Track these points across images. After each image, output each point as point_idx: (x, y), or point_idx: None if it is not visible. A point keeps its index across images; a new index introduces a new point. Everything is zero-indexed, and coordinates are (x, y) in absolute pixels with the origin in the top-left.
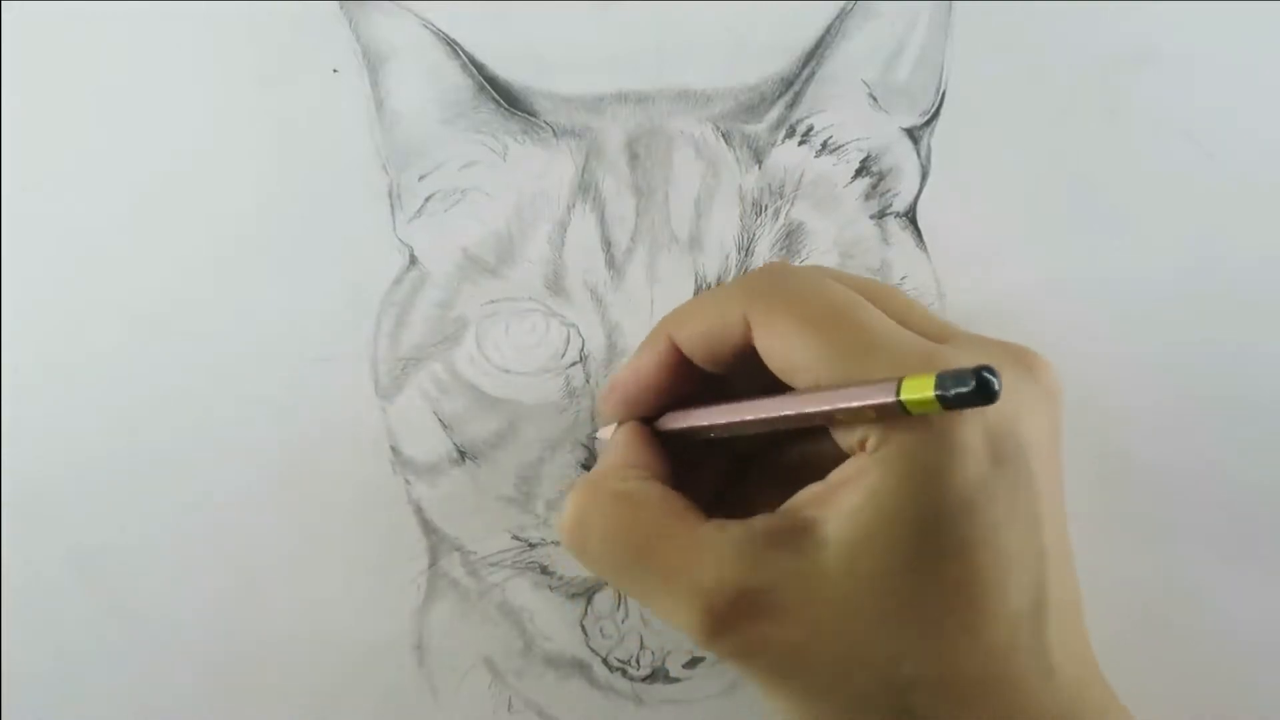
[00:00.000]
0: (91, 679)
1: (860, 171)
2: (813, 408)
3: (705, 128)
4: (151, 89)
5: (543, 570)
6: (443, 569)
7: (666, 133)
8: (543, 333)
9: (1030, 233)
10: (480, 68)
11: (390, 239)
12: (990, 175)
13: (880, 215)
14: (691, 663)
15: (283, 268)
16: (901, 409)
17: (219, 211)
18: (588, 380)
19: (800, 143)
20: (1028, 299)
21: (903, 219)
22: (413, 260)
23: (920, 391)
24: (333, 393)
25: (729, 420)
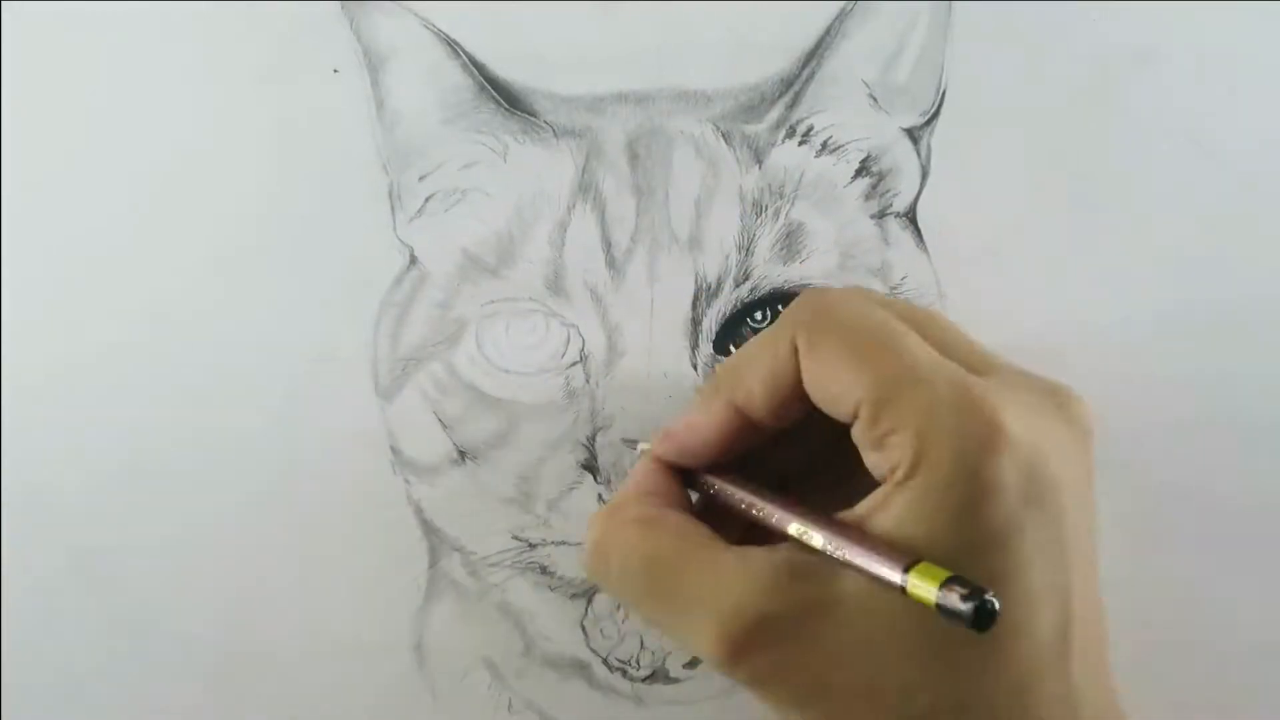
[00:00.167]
0: (91, 678)
1: (860, 171)
2: (832, 546)
3: (705, 128)
4: (151, 89)
5: (543, 570)
6: (443, 569)
7: (667, 133)
8: (543, 333)
9: (1030, 233)
10: (481, 68)
11: (390, 239)
12: (990, 175)
13: (880, 215)
14: (692, 663)
15: (283, 268)
16: (901, 590)
17: (219, 211)
18: (587, 380)
19: (800, 143)
20: (1028, 299)
21: (903, 219)
22: (413, 260)
23: (923, 590)
24: (333, 393)
25: (753, 509)
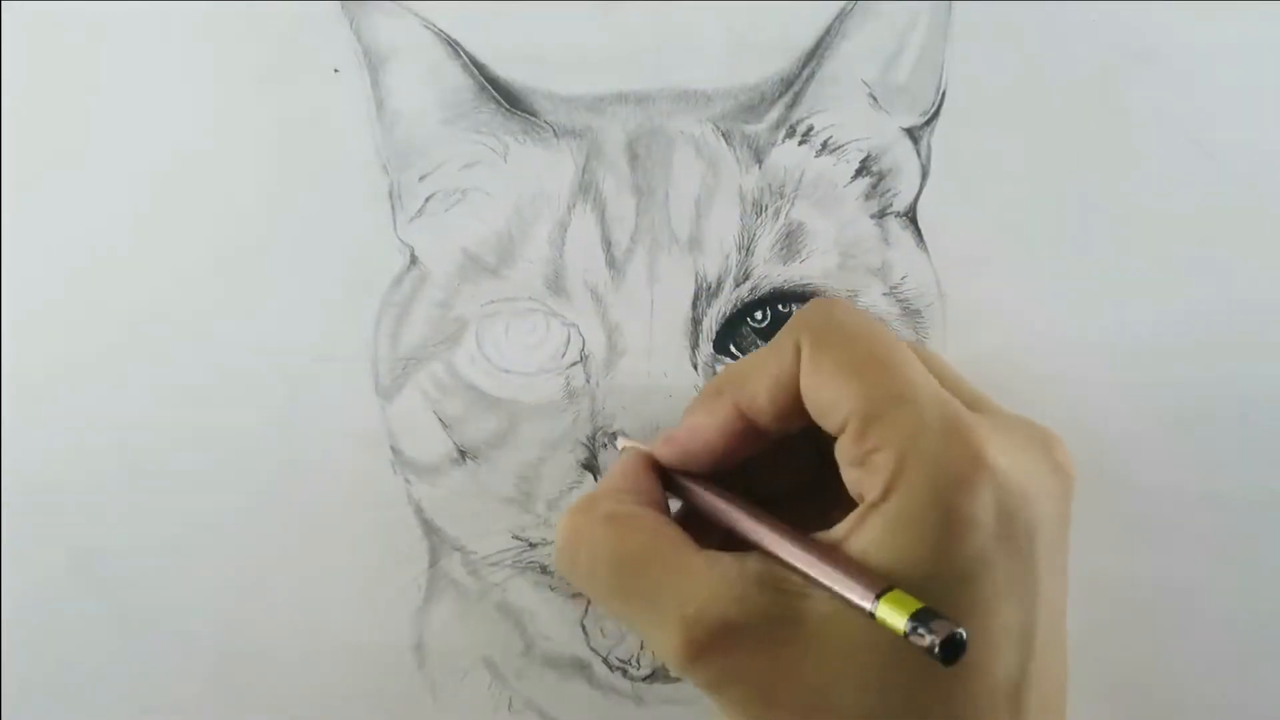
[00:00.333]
0: (91, 678)
1: (860, 171)
2: (805, 565)
3: (705, 128)
4: (152, 89)
5: (543, 570)
6: (443, 569)
7: (667, 133)
8: (543, 333)
9: (1030, 233)
10: (481, 68)
11: (390, 239)
12: (990, 175)
13: (880, 215)
14: None
15: (283, 268)
16: (870, 616)
17: (219, 211)
18: (588, 380)
19: (800, 143)
20: (1027, 299)
21: (903, 219)
22: (413, 260)
23: (893, 619)
24: (333, 393)
25: (730, 518)
